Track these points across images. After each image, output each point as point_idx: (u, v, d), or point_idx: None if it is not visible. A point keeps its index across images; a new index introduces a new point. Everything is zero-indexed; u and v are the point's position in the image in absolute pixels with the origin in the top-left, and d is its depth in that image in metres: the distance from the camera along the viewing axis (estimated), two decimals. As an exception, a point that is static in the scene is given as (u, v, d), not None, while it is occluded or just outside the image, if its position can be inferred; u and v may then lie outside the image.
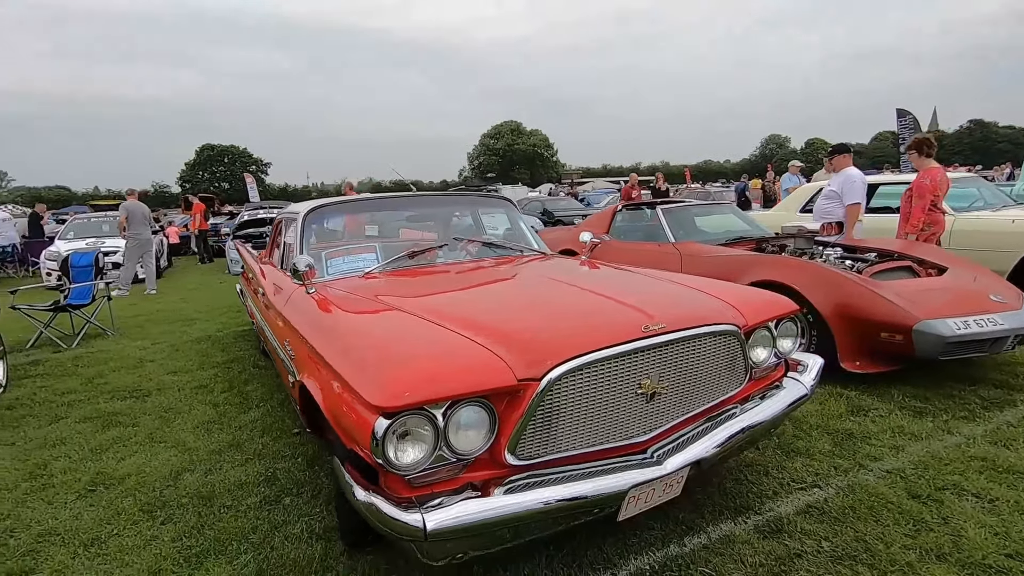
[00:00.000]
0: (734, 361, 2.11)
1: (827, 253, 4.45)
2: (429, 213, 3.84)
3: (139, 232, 8.70)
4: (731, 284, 2.58)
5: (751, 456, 2.72)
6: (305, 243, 3.12)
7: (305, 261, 2.61)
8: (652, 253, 4.99)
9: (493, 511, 1.55)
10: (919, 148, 4.75)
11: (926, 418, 3.07)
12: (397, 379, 1.58)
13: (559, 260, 3.21)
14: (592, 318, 1.97)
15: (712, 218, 5.60)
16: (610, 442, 1.85)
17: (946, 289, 3.59)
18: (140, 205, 8.90)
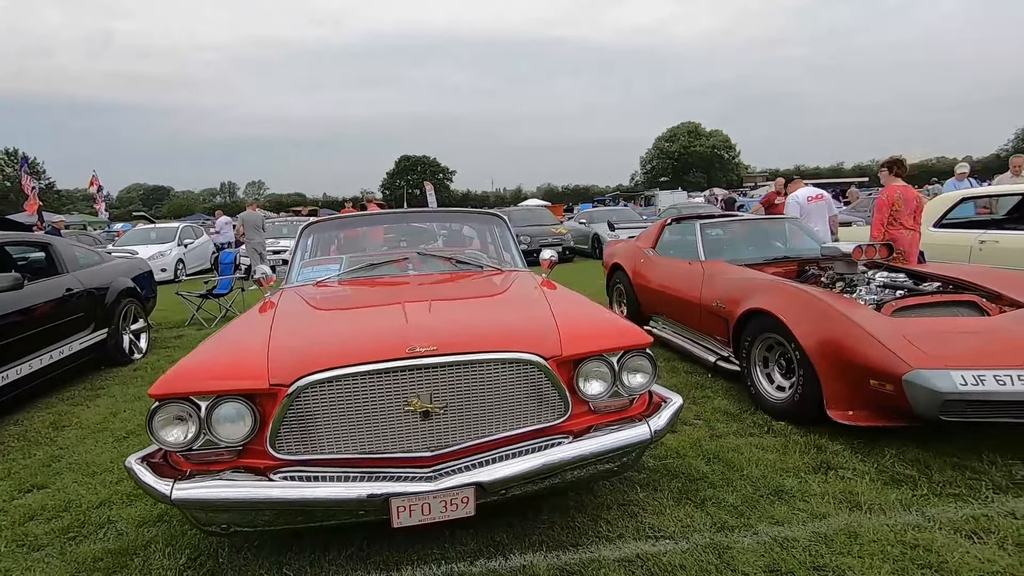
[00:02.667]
0: (541, 391, 2.07)
1: (872, 279, 3.76)
2: (418, 228, 4.17)
3: (252, 237, 10.57)
4: (593, 311, 2.48)
5: (643, 495, 2.55)
6: (299, 253, 3.69)
7: (262, 271, 3.13)
8: (681, 270, 4.69)
9: (229, 493, 1.84)
10: (889, 167, 5.08)
11: (900, 488, 2.52)
12: (179, 372, 1.97)
13: (485, 279, 3.27)
14: (369, 335, 2.12)
15: (767, 234, 5.00)
16: (386, 452, 2.00)
17: (988, 333, 2.84)
18: (256, 214, 10.87)
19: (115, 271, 5.42)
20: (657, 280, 5.02)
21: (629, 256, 5.66)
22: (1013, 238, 5.29)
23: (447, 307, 2.51)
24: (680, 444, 3.07)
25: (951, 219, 6.15)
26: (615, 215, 15.03)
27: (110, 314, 5.12)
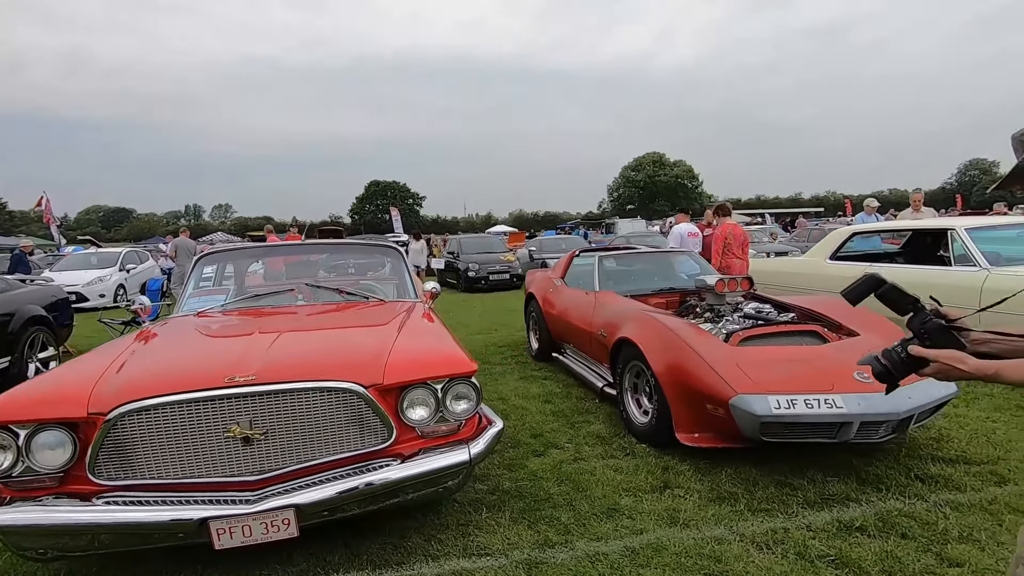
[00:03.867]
0: (363, 417, 2.23)
1: (739, 309, 4.05)
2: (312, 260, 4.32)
3: (183, 264, 10.62)
4: (432, 343, 2.67)
5: (485, 515, 2.69)
6: (191, 282, 3.79)
7: (139, 301, 3.23)
8: (580, 300, 4.92)
9: (42, 518, 1.93)
10: (716, 212, 7.02)
11: (722, 505, 2.73)
12: (4, 399, 2.06)
13: (364, 309, 3.44)
14: (195, 365, 2.26)
15: (661, 266, 5.30)
16: (209, 477, 2.11)
17: (809, 360, 3.11)
18: (189, 241, 10.95)
19: (22, 299, 5.40)
20: (562, 309, 5.25)
21: (541, 286, 5.89)
22: (894, 271, 5.70)
23: (295, 338, 2.65)
24: (542, 467, 3.23)
25: (845, 252, 6.59)
26: (564, 243, 15.40)
27: (14, 342, 5.09)
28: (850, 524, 2.51)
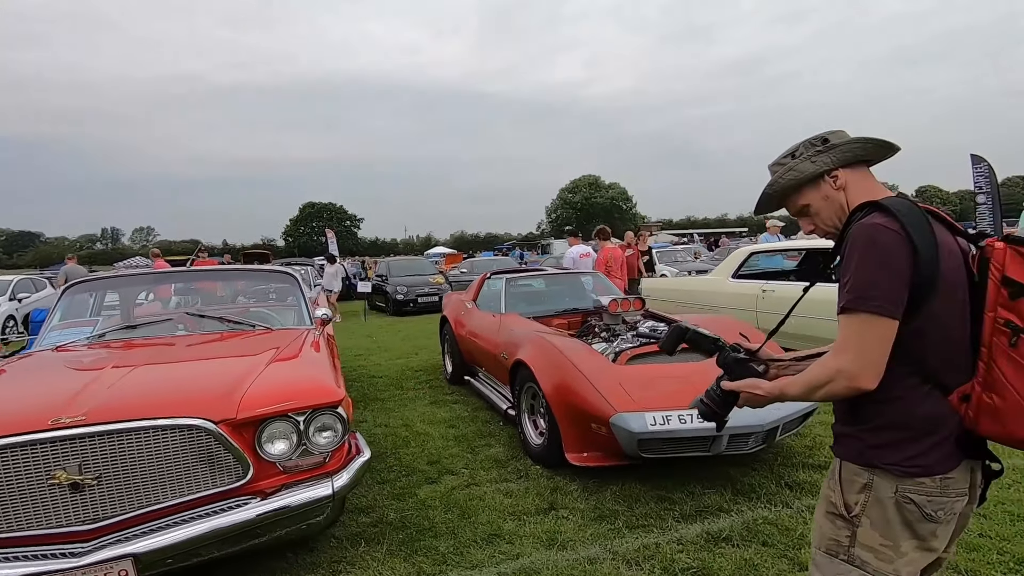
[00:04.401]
0: (212, 455, 2.11)
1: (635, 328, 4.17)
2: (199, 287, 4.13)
3: None
4: (300, 372, 2.59)
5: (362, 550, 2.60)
6: (56, 313, 3.50)
7: None
8: (488, 322, 4.93)
9: None
10: (598, 235, 7.44)
11: (602, 524, 2.77)
12: None
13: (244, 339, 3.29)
14: (14, 408, 2.09)
15: (568, 287, 5.42)
16: (33, 529, 1.93)
17: (688, 377, 3.23)
18: (78, 268, 10.34)
19: None
20: (472, 332, 5.23)
21: (454, 308, 5.87)
22: (786, 288, 6.07)
23: (150, 372, 2.49)
24: (432, 494, 3.17)
25: (746, 270, 6.98)
26: (496, 265, 15.48)
27: None
28: (718, 535, 2.60)
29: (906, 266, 1.11)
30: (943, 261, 1.13)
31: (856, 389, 1.13)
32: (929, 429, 1.15)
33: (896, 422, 1.17)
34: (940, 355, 1.15)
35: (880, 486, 1.16)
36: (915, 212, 1.15)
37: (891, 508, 1.15)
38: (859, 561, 1.18)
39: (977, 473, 1.21)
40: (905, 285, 1.11)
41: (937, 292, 1.12)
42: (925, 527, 1.15)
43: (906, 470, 1.14)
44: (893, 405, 1.17)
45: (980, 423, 1.12)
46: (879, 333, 1.11)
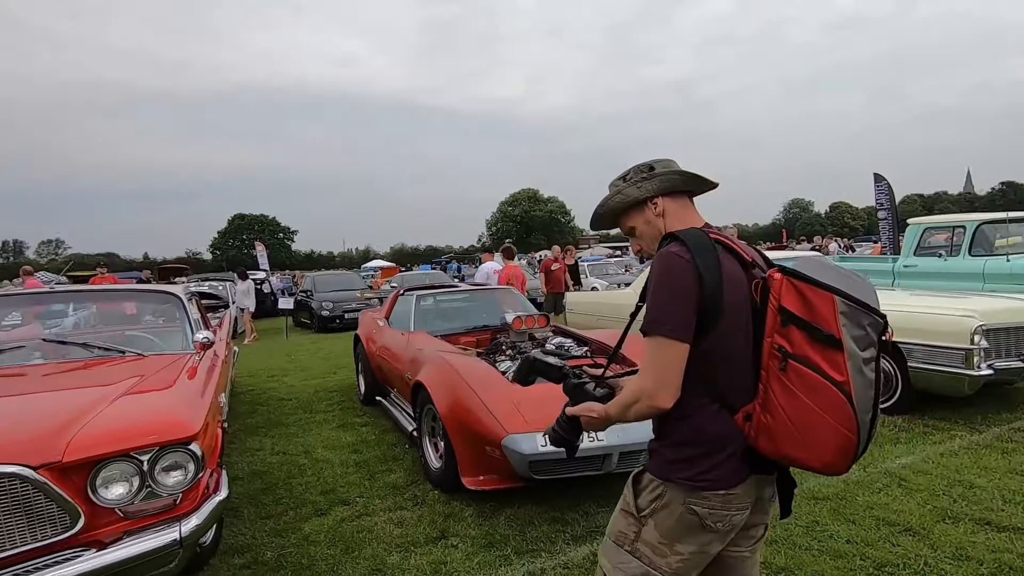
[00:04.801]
0: (31, 504, 1.87)
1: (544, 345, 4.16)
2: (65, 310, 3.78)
3: None
4: (149, 405, 2.37)
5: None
6: None
7: None
8: (397, 341, 4.78)
9: None
10: (504, 253, 7.68)
11: (491, 551, 2.69)
12: None
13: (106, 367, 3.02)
14: None
15: (480, 304, 5.37)
16: None
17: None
18: None
19: None
20: (382, 351, 5.07)
21: (366, 326, 5.69)
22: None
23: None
24: (318, 528, 2.99)
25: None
26: (428, 279, 15.27)
27: None
28: (604, 556, 2.57)
29: (694, 292, 1.17)
30: (727, 288, 1.20)
31: (655, 408, 1.20)
32: (717, 446, 1.21)
33: (689, 439, 1.23)
34: (726, 377, 1.22)
35: (671, 496, 1.23)
36: (705, 243, 1.22)
37: (676, 516, 1.23)
38: (639, 553, 1.27)
39: (767, 487, 1.29)
40: (693, 310, 1.18)
41: (722, 317, 1.19)
42: (703, 536, 1.23)
43: (695, 484, 1.21)
44: (687, 423, 1.23)
45: (759, 441, 1.19)
46: (672, 355, 1.18)
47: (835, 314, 1.11)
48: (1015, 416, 4.22)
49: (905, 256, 7.60)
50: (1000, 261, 6.52)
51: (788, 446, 1.15)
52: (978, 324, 3.93)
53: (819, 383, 1.11)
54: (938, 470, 3.33)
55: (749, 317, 1.22)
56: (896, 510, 2.88)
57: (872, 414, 1.13)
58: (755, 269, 1.28)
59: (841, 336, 1.11)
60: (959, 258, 6.92)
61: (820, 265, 1.19)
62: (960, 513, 2.81)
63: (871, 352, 1.13)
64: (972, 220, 7.00)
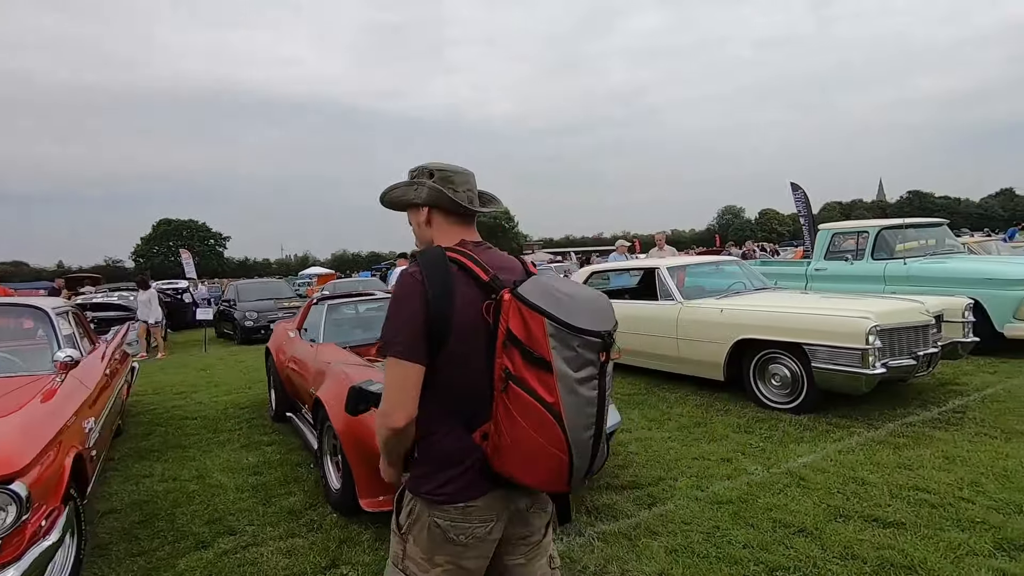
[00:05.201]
0: None
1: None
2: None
3: None
4: None
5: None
6: None
7: None
8: (305, 352, 4.52)
9: None
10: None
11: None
12: None
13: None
14: None
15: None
16: None
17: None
18: None
19: None
20: (291, 363, 4.78)
21: (278, 338, 5.37)
22: (620, 306, 6.31)
23: None
24: (195, 564, 2.73)
25: (587, 290, 7.20)
26: (362, 285, 14.80)
27: None
28: None
29: (420, 313, 1.19)
30: (458, 309, 1.21)
31: (391, 429, 1.21)
32: (453, 462, 1.24)
33: (431, 455, 1.26)
34: (463, 396, 1.24)
35: (420, 511, 1.26)
36: (439, 262, 1.24)
37: (425, 529, 1.25)
38: (408, 570, 1.28)
39: (520, 499, 1.30)
40: (422, 331, 1.19)
41: (451, 337, 1.20)
42: (451, 548, 1.24)
43: (434, 498, 1.24)
44: (428, 440, 1.26)
45: (492, 459, 1.20)
46: (403, 375, 1.19)
47: (545, 336, 1.13)
48: (908, 411, 4.45)
49: (816, 260, 7.98)
50: (899, 264, 6.94)
51: (510, 464, 1.18)
52: (872, 325, 4.11)
53: (531, 404, 1.13)
54: (835, 468, 3.43)
55: (486, 338, 1.21)
56: (793, 511, 2.92)
57: (593, 432, 1.17)
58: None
59: (551, 358, 1.12)
60: (863, 262, 7.32)
61: (541, 285, 1.19)
62: (851, 511, 2.88)
63: (588, 371, 1.15)
64: (874, 226, 7.43)
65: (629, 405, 5.13)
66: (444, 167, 1.37)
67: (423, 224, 1.39)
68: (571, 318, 1.14)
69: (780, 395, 4.70)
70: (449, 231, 1.37)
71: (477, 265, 1.27)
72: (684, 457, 3.77)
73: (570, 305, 1.16)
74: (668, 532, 2.78)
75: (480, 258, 1.29)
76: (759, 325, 4.76)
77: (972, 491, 3.02)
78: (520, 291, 1.18)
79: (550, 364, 1.12)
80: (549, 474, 1.17)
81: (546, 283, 1.21)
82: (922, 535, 2.61)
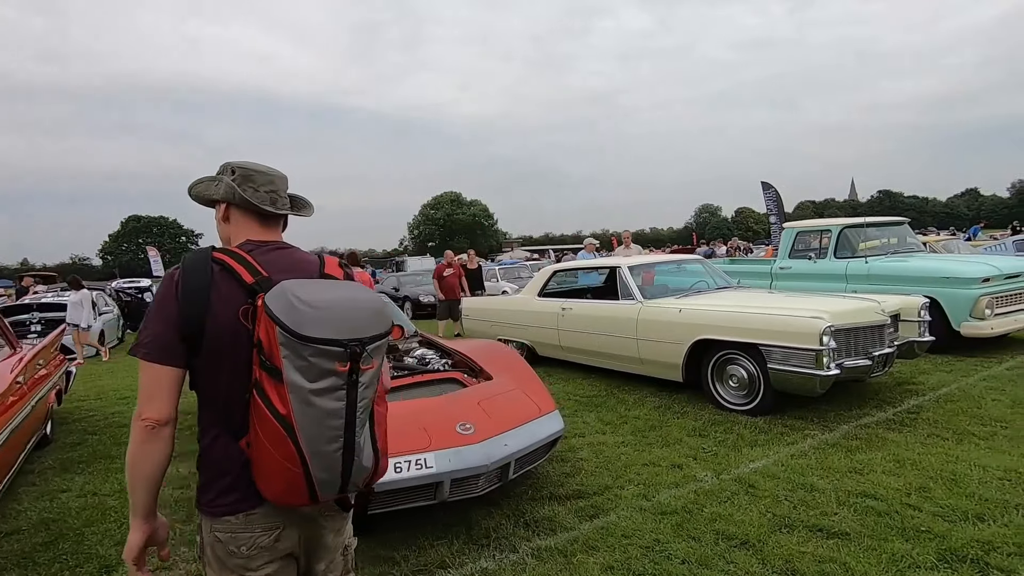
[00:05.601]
0: None
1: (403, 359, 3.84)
2: None
3: None
4: None
5: None
6: None
7: None
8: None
9: None
10: (350, 260, 7.12)
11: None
12: None
13: None
14: None
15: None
16: None
17: (421, 415, 2.92)
18: None
19: None
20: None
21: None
22: (581, 306, 6.20)
23: None
24: (93, 591, 2.50)
25: (551, 289, 7.07)
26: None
27: None
28: (424, 601, 2.29)
29: (173, 315, 1.16)
30: (214, 312, 1.16)
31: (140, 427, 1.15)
32: (224, 471, 1.20)
33: (206, 465, 1.23)
34: (226, 403, 1.19)
35: (204, 526, 1.23)
36: (200, 265, 1.20)
37: (211, 544, 1.21)
38: None
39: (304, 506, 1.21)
40: (175, 333, 1.16)
41: (206, 340, 1.16)
42: (233, 561, 1.20)
43: (212, 510, 1.20)
44: (203, 450, 1.23)
45: (252, 468, 1.16)
46: (153, 377, 1.16)
47: (276, 345, 1.08)
48: (864, 412, 4.39)
49: (781, 258, 7.96)
50: (860, 263, 6.94)
51: (255, 475, 1.16)
52: (827, 325, 4.03)
53: (266, 415, 1.10)
54: (785, 473, 3.33)
55: (249, 343, 1.16)
56: (738, 521, 2.80)
57: (340, 445, 1.11)
58: None
59: (282, 368, 1.08)
60: (826, 260, 7.31)
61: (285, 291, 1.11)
62: (797, 520, 2.78)
63: (328, 382, 1.09)
64: (836, 224, 7.42)
65: (587, 408, 5.00)
66: (247, 165, 1.35)
67: (221, 220, 1.37)
68: (301, 327, 1.07)
69: (737, 397, 4.61)
70: (246, 229, 1.34)
71: (244, 267, 1.22)
72: (635, 463, 3.65)
73: (306, 313, 1.09)
74: (607, 547, 2.64)
75: (260, 259, 1.25)
76: (716, 325, 4.66)
77: (919, 497, 2.94)
78: (266, 298, 1.12)
79: (281, 374, 1.08)
80: (286, 488, 1.12)
81: (290, 289, 1.12)
82: (866, 546, 2.51)
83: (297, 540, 1.25)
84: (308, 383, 1.08)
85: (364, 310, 1.17)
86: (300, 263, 1.32)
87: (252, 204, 1.31)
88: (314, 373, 1.08)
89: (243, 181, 1.32)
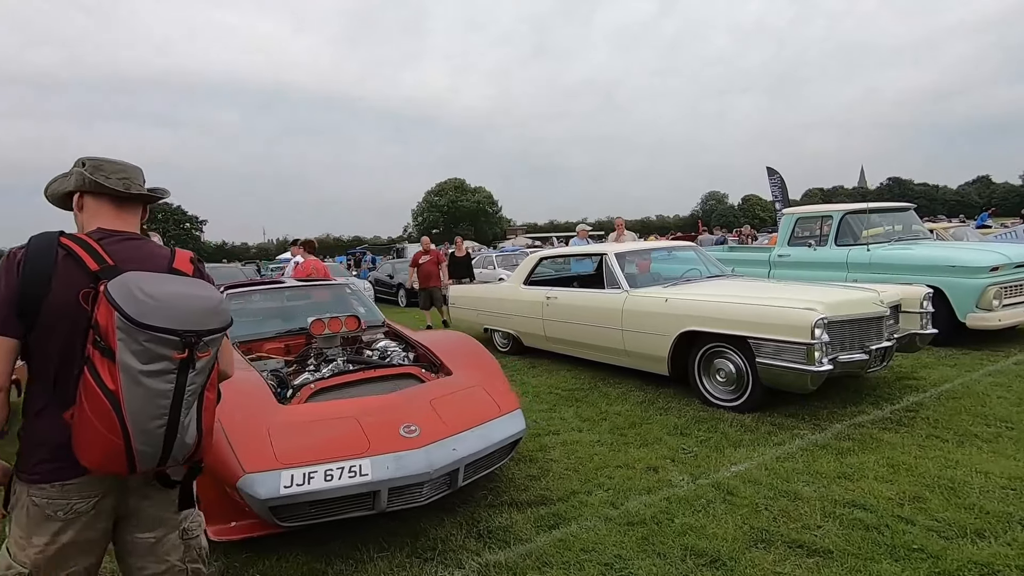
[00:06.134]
0: None
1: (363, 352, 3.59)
2: None
3: None
4: None
5: None
6: None
7: None
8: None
9: None
10: (305, 247, 7.33)
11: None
12: None
13: None
14: None
15: (305, 303, 4.70)
16: None
17: (363, 416, 2.64)
18: None
19: None
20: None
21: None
22: (566, 295, 5.91)
23: None
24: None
25: (536, 277, 6.78)
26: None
27: None
28: (348, 626, 2.05)
29: (14, 291, 1.26)
30: (55, 291, 1.27)
31: None
32: (46, 441, 1.28)
33: (29, 435, 1.31)
34: (58, 376, 1.29)
35: (19, 491, 1.31)
36: (45, 247, 1.30)
37: (24, 509, 1.29)
38: (10, 551, 1.30)
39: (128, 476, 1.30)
40: (12, 308, 1.26)
41: (42, 317, 1.26)
42: (51, 525, 1.28)
43: (30, 477, 1.29)
44: (29, 419, 1.32)
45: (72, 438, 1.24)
46: None
47: (113, 329, 1.18)
48: (859, 409, 4.11)
49: (780, 246, 7.63)
50: (861, 251, 6.60)
51: (74, 444, 1.23)
52: (819, 317, 3.73)
53: (94, 389, 1.19)
54: (768, 478, 3.06)
55: (85, 323, 1.25)
56: (711, 534, 2.54)
57: (165, 422, 1.22)
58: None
59: (115, 349, 1.18)
60: (827, 248, 6.98)
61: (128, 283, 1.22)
62: (775, 534, 2.51)
63: (161, 366, 1.20)
64: (838, 211, 7.07)
65: (567, 402, 4.74)
66: (99, 158, 1.43)
67: (77, 210, 1.45)
68: (142, 316, 1.18)
69: (725, 392, 4.33)
70: (99, 217, 1.42)
71: (90, 254, 1.31)
72: (608, 465, 3.39)
73: (146, 304, 1.20)
74: (561, 563, 2.39)
75: (109, 248, 1.34)
76: (703, 316, 4.37)
77: (913, 508, 2.66)
78: (109, 285, 1.21)
79: (114, 354, 1.18)
80: (105, 458, 1.21)
81: (134, 282, 1.23)
82: (849, 567, 2.24)
83: (115, 506, 1.34)
84: (140, 365, 1.19)
85: (202, 306, 1.27)
86: (150, 256, 1.40)
87: (105, 187, 1.39)
88: (147, 357, 1.19)
89: (95, 170, 1.40)
